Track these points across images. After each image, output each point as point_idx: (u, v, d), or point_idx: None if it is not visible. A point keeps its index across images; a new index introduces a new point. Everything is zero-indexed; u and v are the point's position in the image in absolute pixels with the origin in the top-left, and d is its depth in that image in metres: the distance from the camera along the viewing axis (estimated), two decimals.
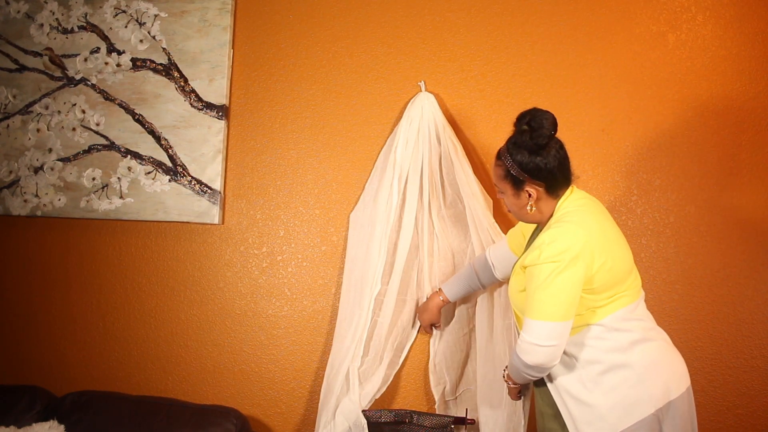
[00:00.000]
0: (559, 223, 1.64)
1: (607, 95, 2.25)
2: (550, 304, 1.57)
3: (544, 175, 1.66)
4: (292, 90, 2.42)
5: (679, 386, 1.63)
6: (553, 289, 1.57)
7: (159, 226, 2.47)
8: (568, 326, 1.59)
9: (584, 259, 1.58)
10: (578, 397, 1.64)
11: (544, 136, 1.64)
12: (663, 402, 1.60)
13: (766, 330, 2.15)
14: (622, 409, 1.59)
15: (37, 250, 2.54)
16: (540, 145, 1.65)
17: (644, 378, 1.60)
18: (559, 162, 1.67)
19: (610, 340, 1.64)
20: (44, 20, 2.53)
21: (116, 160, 2.45)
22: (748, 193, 2.18)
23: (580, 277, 1.58)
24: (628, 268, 1.70)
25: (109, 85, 2.47)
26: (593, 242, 1.60)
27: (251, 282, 2.41)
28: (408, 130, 2.22)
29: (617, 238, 1.71)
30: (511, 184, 1.71)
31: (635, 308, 1.69)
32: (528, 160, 1.66)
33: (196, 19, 2.43)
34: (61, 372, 2.48)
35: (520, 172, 1.67)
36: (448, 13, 2.33)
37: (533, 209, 1.70)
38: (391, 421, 2.08)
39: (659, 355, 1.66)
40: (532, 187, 1.68)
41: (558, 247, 1.58)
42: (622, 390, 1.60)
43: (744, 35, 2.21)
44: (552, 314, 1.56)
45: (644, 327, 1.68)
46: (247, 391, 2.39)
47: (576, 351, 1.66)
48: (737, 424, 2.14)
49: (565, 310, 1.57)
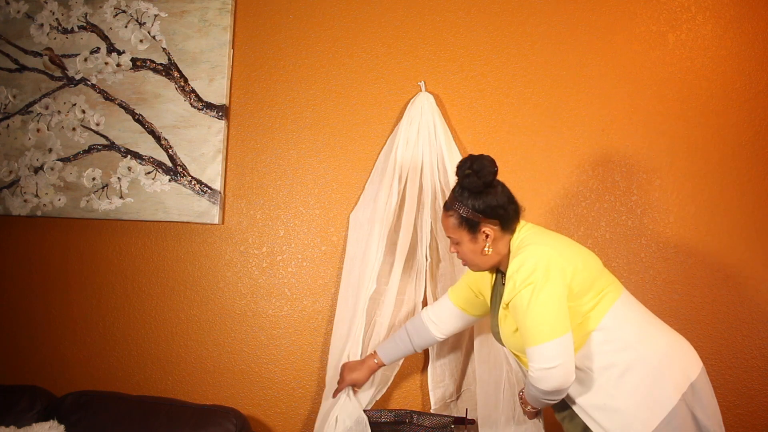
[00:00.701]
0: (519, 249, 1.68)
1: (607, 95, 2.25)
2: (543, 324, 1.57)
3: (497, 212, 1.71)
4: (292, 90, 2.42)
5: (695, 366, 1.65)
6: (539, 309, 1.57)
7: (159, 226, 2.47)
8: (569, 339, 1.58)
9: (556, 270, 1.60)
10: (604, 407, 1.62)
11: (489, 173, 1.69)
12: (686, 385, 1.60)
13: (766, 330, 2.15)
14: (650, 405, 1.58)
15: (37, 250, 2.54)
16: (487, 183, 1.70)
17: (662, 367, 1.60)
18: (507, 197, 1.73)
19: (617, 341, 1.64)
20: (44, 20, 2.53)
21: (116, 160, 2.45)
22: (748, 193, 2.18)
23: (560, 289, 1.60)
24: (598, 267, 1.72)
25: (109, 85, 2.47)
26: (557, 253, 1.64)
27: (251, 282, 2.41)
28: (408, 131, 2.22)
29: (576, 245, 1.76)
30: (466, 229, 1.73)
31: (626, 302, 1.70)
32: (479, 202, 1.70)
33: (196, 19, 2.43)
34: (61, 372, 2.48)
35: (475, 214, 1.71)
36: (448, 13, 2.34)
37: (490, 250, 1.73)
38: (391, 421, 2.08)
39: (668, 340, 1.67)
40: (488, 227, 1.72)
41: (527, 269, 1.60)
42: (644, 385, 1.60)
43: (744, 35, 2.21)
44: (548, 334, 1.56)
45: (643, 318, 1.70)
46: (247, 391, 2.39)
47: (588, 363, 1.65)
48: (737, 424, 2.14)
49: (558, 324, 1.57)
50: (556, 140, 2.26)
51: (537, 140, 2.27)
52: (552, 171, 2.26)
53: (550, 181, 2.26)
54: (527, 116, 2.28)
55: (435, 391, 2.21)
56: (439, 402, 2.21)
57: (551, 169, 2.26)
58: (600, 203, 2.24)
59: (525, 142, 2.27)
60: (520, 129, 2.27)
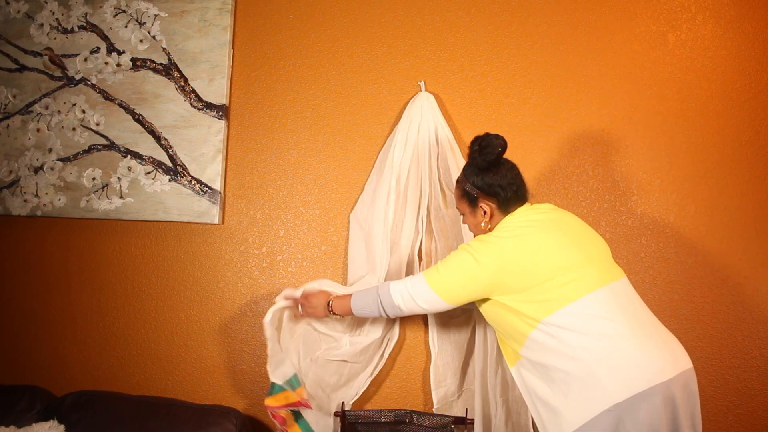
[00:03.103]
0: (492, 234, 1.75)
1: (607, 95, 2.25)
2: (446, 274, 1.73)
3: (495, 191, 1.78)
4: (292, 90, 2.42)
5: (647, 381, 1.56)
6: (453, 265, 1.73)
7: (159, 226, 2.47)
8: (439, 304, 1.76)
9: (494, 268, 1.67)
10: (542, 398, 1.66)
11: (492, 153, 1.75)
12: (623, 397, 1.55)
13: (766, 330, 2.15)
14: (577, 407, 1.58)
15: (37, 250, 2.54)
16: (489, 162, 1.77)
17: (597, 374, 1.57)
18: (510, 179, 1.79)
19: (558, 340, 1.62)
20: (44, 20, 2.53)
21: (116, 160, 2.45)
22: (749, 193, 2.18)
23: (481, 274, 1.68)
24: (565, 265, 1.66)
25: (109, 85, 2.47)
26: (508, 253, 1.68)
27: (251, 282, 2.41)
28: (408, 131, 2.22)
29: (562, 237, 1.71)
30: (467, 202, 1.84)
31: (586, 304, 1.63)
32: (479, 178, 1.79)
33: (196, 19, 2.43)
34: (61, 372, 2.48)
35: (474, 189, 1.81)
36: (448, 13, 2.34)
37: (488, 226, 1.81)
38: (391, 421, 2.08)
39: (616, 350, 1.59)
40: (486, 203, 1.80)
41: (476, 246, 1.72)
42: (574, 388, 1.59)
43: (744, 35, 2.21)
44: (439, 285, 1.74)
45: (598, 324, 1.61)
46: (247, 391, 2.39)
47: (532, 355, 1.67)
48: (737, 424, 2.14)
49: (451, 290, 1.73)
50: (556, 140, 2.26)
51: (537, 140, 2.27)
52: (552, 171, 2.26)
53: (550, 181, 2.26)
54: (527, 116, 2.28)
55: (437, 390, 2.20)
56: (441, 402, 2.20)
57: (551, 169, 2.26)
58: (600, 203, 2.24)
59: (525, 142, 2.27)
60: (520, 129, 2.27)
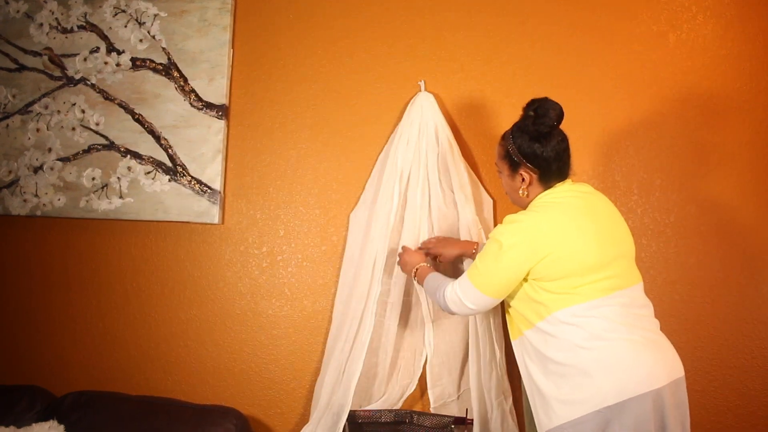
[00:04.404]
0: (524, 211, 1.72)
1: (607, 95, 2.25)
2: (486, 274, 1.68)
3: (539, 162, 1.72)
4: (292, 90, 2.41)
5: (639, 387, 1.56)
6: (491, 262, 1.67)
7: (159, 226, 2.47)
8: (486, 301, 1.71)
9: (523, 249, 1.63)
10: (537, 383, 1.66)
11: (546, 124, 1.69)
12: (614, 401, 1.55)
13: (766, 330, 2.15)
14: (568, 403, 1.59)
15: (36, 250, 2.53)
16: (541, 133, 1.70)
17: (591, 374, 1.57)
18: (556, 153, 1.72)
19: (560, 336, 1.62)
20: (44, 20, 2.52)
21: (116, 159, 2.45)
22: (749, 194, 2.18)
23: (515, 262, 1.64)
24: (591, 265, 1.64)
25: (108, 85, 2.47)
26: (541, 234, 1.64)
27: (251, 282, 2.41)
28: (408, 131, 2.21)
29: (594, 233, 1.67)
30: (508, 164, 1.78)
31: (596, 306, 1.62)
32: (527, 145, 1.72)
33: (196, 18, 2.42)
34: (61, 372, 2.48)
35: (518, 155, 1.74)
36: (448, 13, 2.33)
37: (526, 193, 1.76)
38: (391, 421, 2.08)
39: (614, 353, 1.59)
40: (527, 172, 1.74)
41: (503, 230, 1.68)
42: (568, 384, 1.60)
43: (744, 35, 2.21)
44: (482, 283, 1.68)
45: (602, 326, 1.61)
46: (247, 391, 2.39)
47: (534, 339, 1.68)
48: (737, 424, 2.14)
49: (494, 285, 1.68)
50: None
51: None
52: None
53: None
54: None
55: (433, 389, 2.20)
56: (438, 401, 2.20)
57: None
58: None
59: None
60: None
